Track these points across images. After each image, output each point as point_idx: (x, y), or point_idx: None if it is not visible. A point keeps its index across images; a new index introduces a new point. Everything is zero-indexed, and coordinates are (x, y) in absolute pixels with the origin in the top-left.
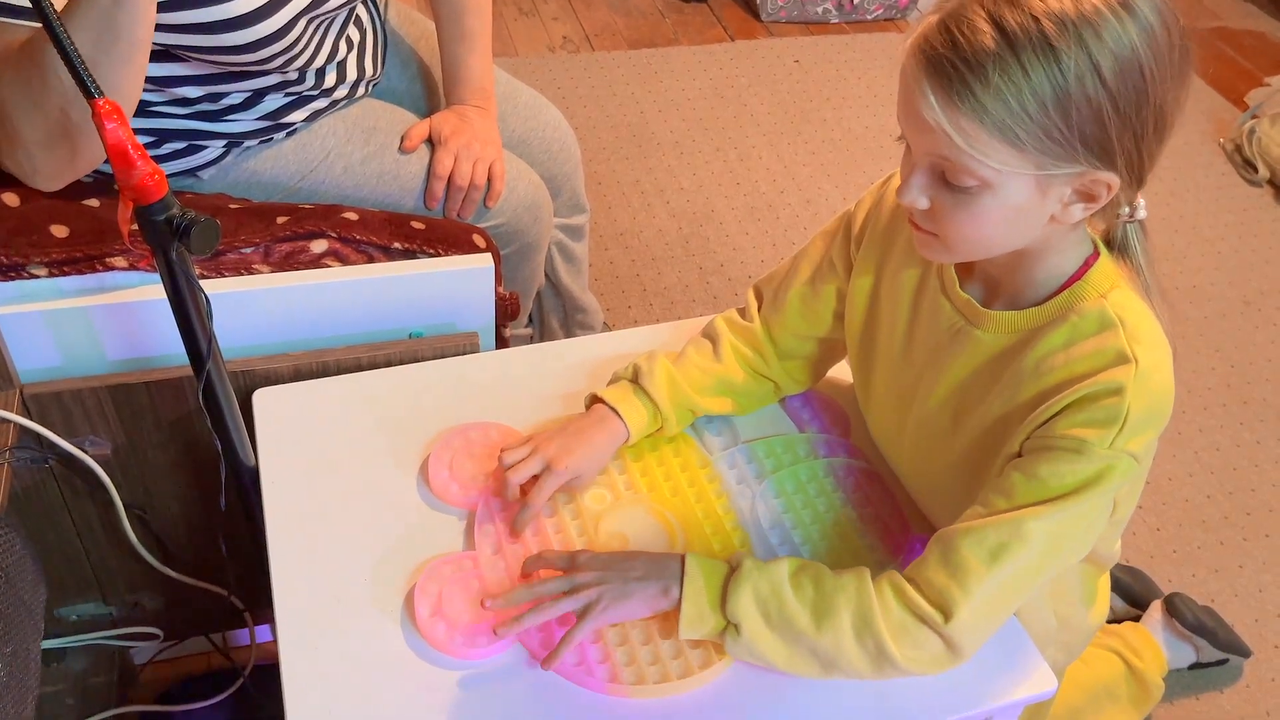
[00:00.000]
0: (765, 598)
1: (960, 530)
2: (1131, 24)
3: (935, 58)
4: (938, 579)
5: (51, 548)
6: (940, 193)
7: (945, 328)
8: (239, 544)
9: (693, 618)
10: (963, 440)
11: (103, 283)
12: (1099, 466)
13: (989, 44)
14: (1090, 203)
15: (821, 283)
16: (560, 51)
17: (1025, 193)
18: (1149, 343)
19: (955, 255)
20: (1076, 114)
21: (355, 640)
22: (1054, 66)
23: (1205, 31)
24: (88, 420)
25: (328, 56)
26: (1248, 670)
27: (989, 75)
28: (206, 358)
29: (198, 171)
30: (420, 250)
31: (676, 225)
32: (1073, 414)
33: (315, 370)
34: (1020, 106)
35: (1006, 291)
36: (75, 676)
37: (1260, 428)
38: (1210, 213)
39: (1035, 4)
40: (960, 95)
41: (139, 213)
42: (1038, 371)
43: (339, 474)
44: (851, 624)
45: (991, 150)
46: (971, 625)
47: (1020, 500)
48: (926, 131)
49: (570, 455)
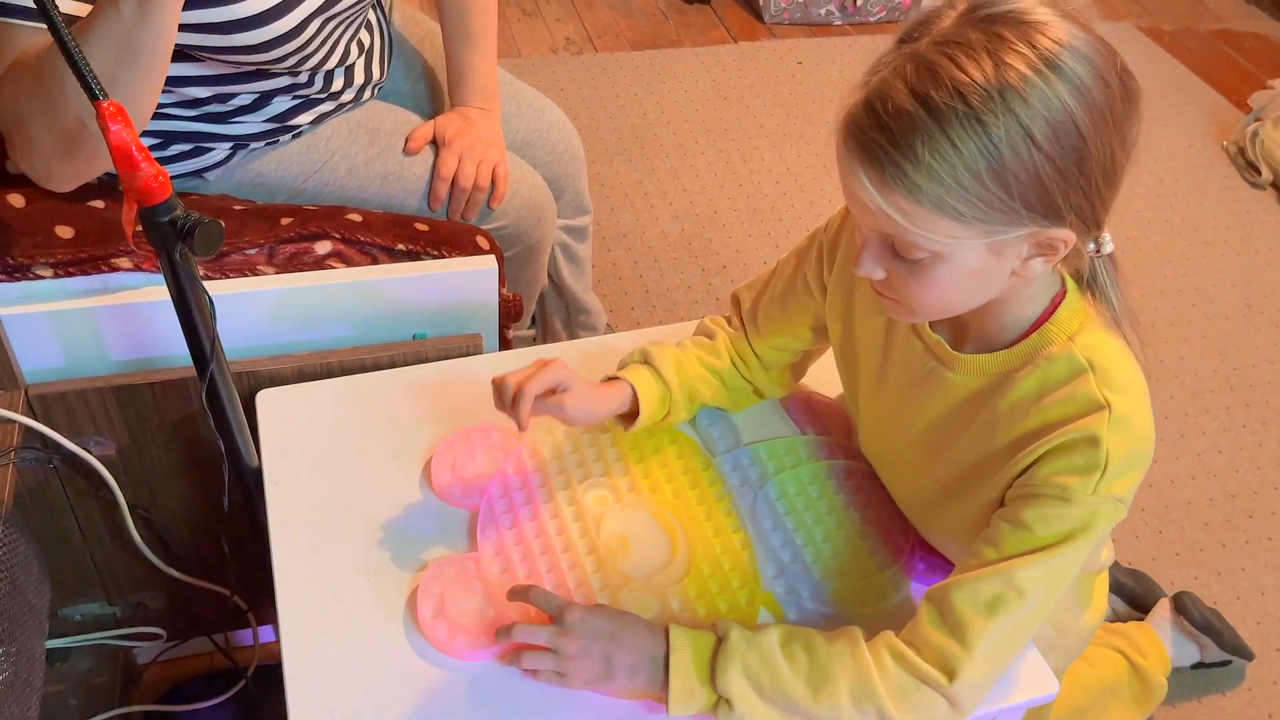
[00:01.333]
0: (756, 670)
1: (953, 585)
2: (1059, 83)
3: (865, 141)
4: (936, 639)
5: (55, 548)
6: (893, 264)
7: (918, 366)
8: (242, 544)
9: (681, 694)
10: (942, 474)
11: (107, 284)
12: (1084, 512)
13: (915, 122)
14: (1050, 255)
15: (795, 302)
16: (563, 53)
17: (978, 257)
18: (1121, 385)
19: (919, 317)
20: (1015, 181)
21: (358, 641)
22: (984, 138)
23: (1207, 34)
24: (92, 420)
25: (339, 59)
26: (1250, 673)
27: (919, 154)
28: (210, 358)
29: (203, 173)
30: (424, 252)
31: (679, 227)
32: (1052, 461)
33: (318, 371)
34: (955, 181)
35: (975, 335)
36: (79, 676)
37: (1262, 430)
38: (1213, 215)
39: (958, 76)
40: (893, 177)
41: (143, 214)
42: (1011, 418)
43: (342, 475)
44: (850, 692)
45: (934, 225)
46: (975, 683)
47: (1009, 550)
48: (867, 212)
49: (569, 370)
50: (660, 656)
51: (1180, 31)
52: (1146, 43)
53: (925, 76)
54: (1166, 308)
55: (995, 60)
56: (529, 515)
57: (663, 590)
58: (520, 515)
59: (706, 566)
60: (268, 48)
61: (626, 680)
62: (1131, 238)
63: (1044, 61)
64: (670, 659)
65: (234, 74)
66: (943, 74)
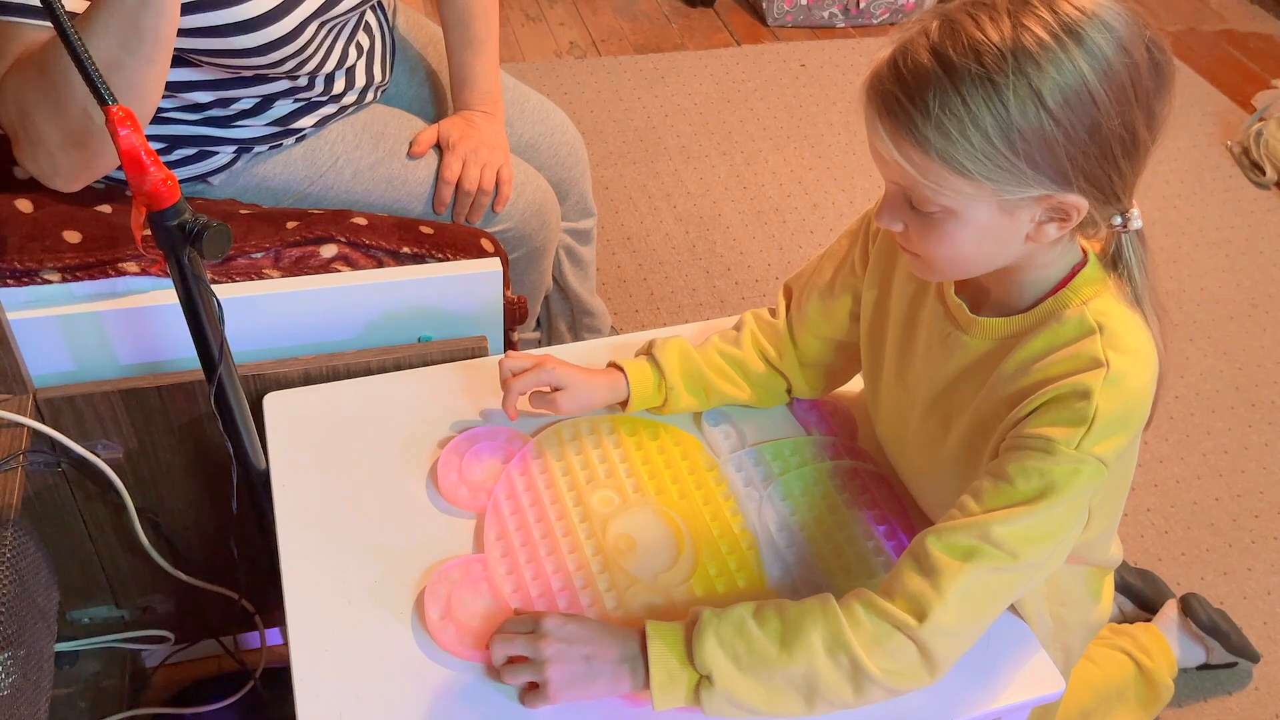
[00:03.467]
0: (730, 639)
1: (930, 533)
2: (1079, 52)
3: (884, 93)
4: (911, 583)
5: (64, 551)
6: (911, 217)
7: (939, 332)
8: (250, 547)
9: (663, 681)
10: (954, 443)
11: (115, 288)
12: (1065, 469)
13: (929, 77)
14: (1063, 222)
15: (841, 284)
16: (567, 56)
17: (990, 216)
18: (1126, 348)
19: (940, 274)
20: (1022, 142)
21: (366, 643)
22: (994, 98)
23: (1212, 34)
24: (100, 424)
25: (338, 62)
26: (1256, 674)
27: (930, 108)
28: (218, 362)
29: (208, 178)
30: (429, 255)
31: (683, 229)
32: (1042, 414)
33: (325, 374)
34: (963, 136)
35: (995, 299)
36: (87, 679)
37: (1268, 430)
38: (1217, 215)
39: (977, 35)
40: (906, 128)
41: (152, 218)
42: (1016, 375)
43: (349, 477)
44: (822, 643)
45: (943, 180)
46: (945, 629)
47: (989, 504)
48: (885, 163)
49: (565, 367)
50: (637, 650)
51: (1184, 32)
52: None
53: (946, 34)
54: (1172, 308)
55: (1015, 22)
56: (535, 516)
57: (668, 590)
58: (526, 517)
59: (712, 566)
60: (265, 51)
61: (608, 679)
62: None
63: (1064, 28)
64: (648, 648)
65: (234, 79)
66: (962, 32)
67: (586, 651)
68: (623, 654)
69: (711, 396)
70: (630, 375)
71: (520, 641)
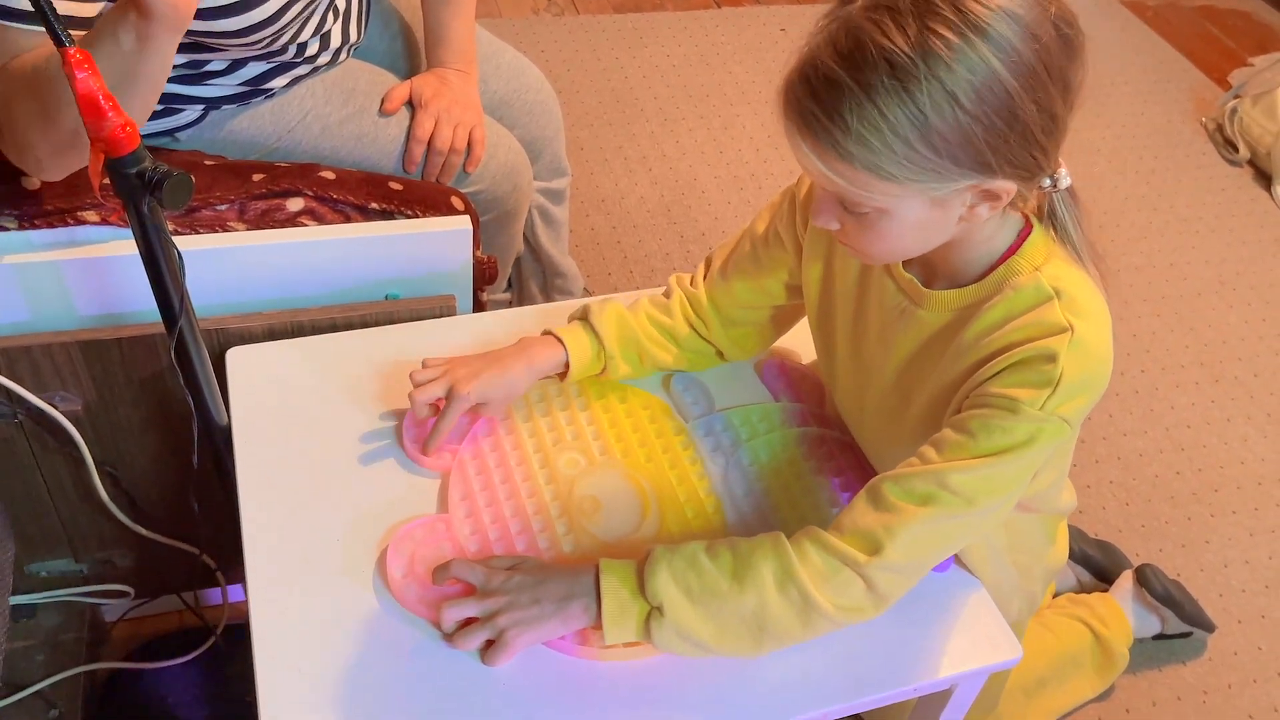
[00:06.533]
0: (683, 571)
1: (888, 477)
2: (985, 46)
3: (801, 110)
4: (865, 520)
5: (21, 504)
6: (846, 216)
7: (892, 307)
8: (211, 503)
9: (614, 613)
10: (914, 415)
11: (74, 237)
12: (1028, 428)
13: (843, 91)
14: (994, 203)
15: (767, 255)
16: (544, 14)
17: (921, 211)
18: (1085, 312)
19: (880, 261)
20: (943, 143)
21: (327, 601)
22: (910, 105)
23: (1190, 10)
24: (58, 376)
25: (314, 29)
26: (1211, 645)
27: (849, 123)
28: (179, 314)
29: (175, 133)
30: (398, 211)
31: (658, 193)
32: (1007, 376)
33: (289, 330)
34: (885, 146)
35: (944, 272)
36: (45, 632)
37: (1230, 406)
38: (1189, 192)
39: (883, 43)
40: (827, 144)
41: (110, 165)
42: (976, 344)
43: (312, 434)
44: (773, 576)
45: (871, 186)
46: (893, 565)
47: (950, 455)
48: (813, 174)
49: (476, 380)
50: (590, 584)
51: (1163, 7)
52: (1129, 17)
53: (853, 44)
54: (1140, 283)
55: (920, 25)
56: (500, 477)
57: (633, 552)
58: (492, 477)
59: (677, 530)
60: (244, 34)
61: (557, 618)
62: (1108, 212)
63: (970, 26)
64: (600, 580)
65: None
66: (869, 42)
67: (535, 594)
68: (571, 589)
69: (645, 363)
70: (569, 345)
71: (469, 604)
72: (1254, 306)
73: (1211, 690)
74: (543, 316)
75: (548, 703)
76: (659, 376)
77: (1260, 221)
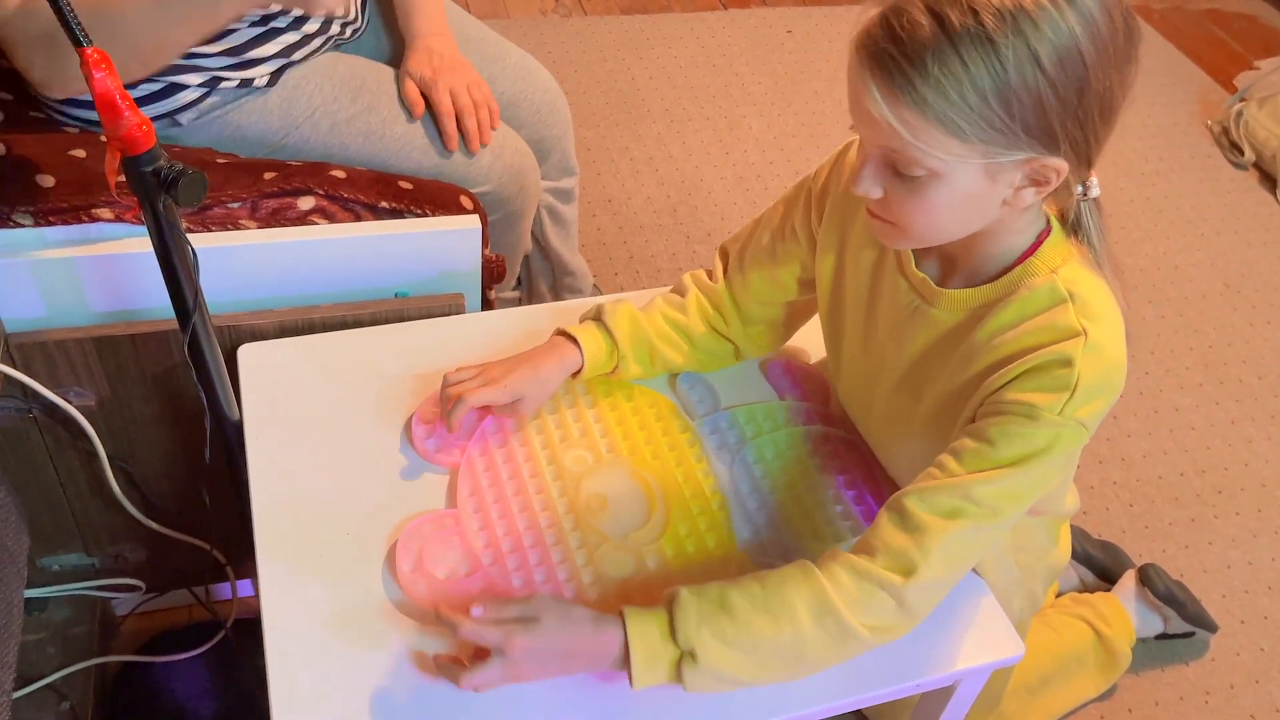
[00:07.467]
0: (713, 614)
1: (912, 493)
2: (1071, 12)
3: (877, 52)
4: (896, 540)
5: (34, 498)
6: (892, 182)
7: (904, 305)
8: (222, 498)
9: (645, 658)
10: (925, 414)
11: (88, 234)
12: (1048, 434)
13: (928, 37)
14: (1041, 187)
15: (782, 249)
16: (552, 15)
17: (974, 180)
18: (1099, 316)
19: (913, 241)
20: (1018, 104)
21: (336, 596)
22: (993, 58)
23: (1197, 13)
24: (72, 371)
25: None
26: (1213, 645)
27: (929, 68)
28: (192, 311)
29: (177, 115)
30: (407, 210)
31: (665, 194)
32: (1024, 382)
33: (301, 327)
34: (961, 98)
35: (962, 268)
36: (57, 626)
37: (1235, 408)
38: (1195, 194)
39: None
40: (901, 88)
41: (126, 164)
42: (990, 346)
43: (323, 430)
44: (808, 608)
45: (935, 141)
46: (929, 584)
47: (970, 466)
48: (873, 124)
49: (512, 375)
50: (617, 634)
51: (1170, 10)
52: None
53: None
54: (1145, 285)
55: None
56: (508, 473)
57: (639, 549)
58: (500, 473)
59: (683, 527)
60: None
61: (581, 668)
62: (1113, 214)
63: None
64: (628, 627)
65: None
66: None
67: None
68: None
69: (656, 364)
70: (584, 345)
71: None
72: (1258, 309)
73: (1214, 690)
74: (552, 315)
75: (551, 698)
76: (666, 374)
77: (1265, 224)
